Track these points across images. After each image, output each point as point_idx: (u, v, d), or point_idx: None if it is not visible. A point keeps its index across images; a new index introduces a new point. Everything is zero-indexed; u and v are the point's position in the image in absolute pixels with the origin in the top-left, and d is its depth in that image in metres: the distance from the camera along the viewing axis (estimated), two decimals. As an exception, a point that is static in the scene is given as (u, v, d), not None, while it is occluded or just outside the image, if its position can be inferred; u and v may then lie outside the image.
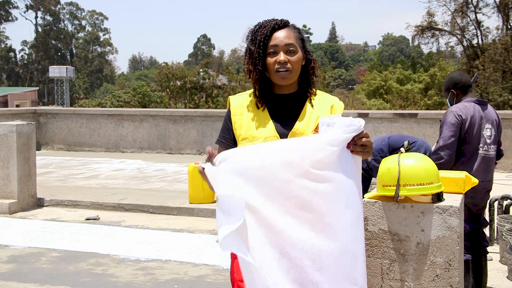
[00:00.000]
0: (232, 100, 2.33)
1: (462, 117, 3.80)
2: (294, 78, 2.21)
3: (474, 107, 3.88)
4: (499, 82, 24.20)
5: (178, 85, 26.08)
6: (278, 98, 2.26)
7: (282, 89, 2.25)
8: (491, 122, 3.92)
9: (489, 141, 3.89)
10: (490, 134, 3.90)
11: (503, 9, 26.98)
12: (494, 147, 3.93)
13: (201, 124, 12.90)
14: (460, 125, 3.79)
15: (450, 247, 2.22)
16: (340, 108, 2.26)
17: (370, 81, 37.54)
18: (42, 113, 14.42)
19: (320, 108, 2.24)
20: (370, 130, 11.14)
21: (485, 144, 3.86)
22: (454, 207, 2.24)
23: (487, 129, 3.89)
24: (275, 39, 2.18)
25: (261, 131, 2.18)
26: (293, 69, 2.18)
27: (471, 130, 3.81)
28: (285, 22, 2.24)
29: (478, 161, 3.82)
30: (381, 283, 2.32)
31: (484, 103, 3.97)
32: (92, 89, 72.44)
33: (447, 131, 3.79)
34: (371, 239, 2.34)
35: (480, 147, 3.84)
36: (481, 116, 3.88)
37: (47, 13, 77.44)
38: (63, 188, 8.65)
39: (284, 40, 2.18)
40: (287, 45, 2.17)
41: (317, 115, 2.21)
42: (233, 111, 2.27)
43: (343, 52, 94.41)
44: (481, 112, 3.89)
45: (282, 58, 2.15)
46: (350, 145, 1.99)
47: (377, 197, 2.38)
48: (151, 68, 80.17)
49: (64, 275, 4.86)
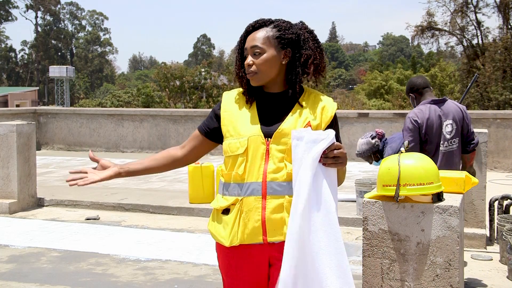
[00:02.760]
0: (224, 96, 2.33)
1: (418, 121, 4.02)
2: (263, 79, 2.18)
3: (429, 108, 4.08)
4: (500, 81, 24.21)
5: (177, 85, 26.09)
6: (268, 96, 2.24)
7: (269, 87, 2.24)
8: (451, 117, 4.09)
9: (449, 137, 4.08)
10: (451, 129, 4.08)
11: (503, 9, 26.97)
12: (456, 140, 4.10)
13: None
14: (418, 129, 4.02)
15: (450, 247, 2.22)
16: (332, 110, 2.21)
17: (371, 80, 37.51)
18: (42, 113, 14.42)
19: (311, 109, 2.19)
20: (370, 130, 11.10)
21: (445, 140, 4.06)
22: (454, 207, 2.23)
23: (447, 125, 4.07)
24: (247, 41, 2.20)
25: (247, 129, 2.17)
26: (259, 71, 2.16)
27: (430, 130, 4.03)
28: (261, 22, 2.22)
29: (440, 157, 4.04)
30: (381, 283, 2.32)
31: (440, 101, 4.15)
32: (92, 89, 72.44)
33: (406, 137, 4.02)
34: (371, 239, 2.34)
35: (440, 144, 4.05)
36: (439, 114, 4.06)
37: (47, 13, 77.44)
38: (63, 188, 8.65)
39: (250, 42, 2.18)
40: (252, 47, 2.17)
41: (306, 116, 2.17)
42: (224, 107, 2.27)
43: (343, 52, 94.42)
44: (437, 111, 4.08)
45: (247, 61, 2.18)
46: (321, 159, 2.01)
47: (377, 197, 2.38)
48: (151, 68, 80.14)
49: (64, 275, 4.86)
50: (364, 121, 11.36)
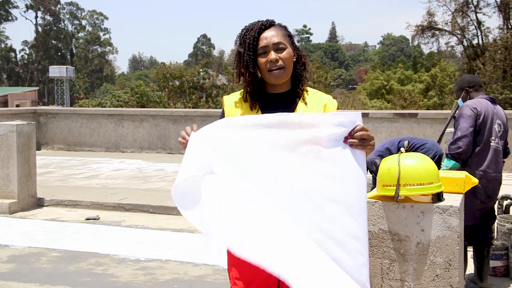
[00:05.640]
0: (226, 100, 2.34)
1: (477, 109, 4.09)
2: (287, 75, 2.22)
3: (487, 102, 4.19)
4: (500, 81, 24.21)
5: (176, 85, 26.08)
6: (271, 97, 2.26)
7: (275, 88, 2.26)
8: (501, 119, 4.22)
9: (499, 135, 4.19)
10: (500, 130, 4.20)
11: (504, 9, 26.94)
12: (502, 142, 4.22)
13: (201, 124, 12.66)
14: (475, 117, 4.07)
15: (450, 247, 2.22)
16: (334, 107, 2.27)
17: (373, 80, 37.45)
18: (42, 113, 14.42)
19: (314, 107, 2.24)
20: (370, 130, 11.12)
21: (496, 137, 4.15)
22: (454, 207, 2.23)
23: (498, 124, 4.19)
24: (264, 39, 2.20)
25: None
26: (286, 66, 2.19)
27: (485, 122, 4.10)
28: (270, 22, 2.26)
29: (491, 152, 4.11)
30: (381, 283, 2.32)
31: (494, 101, 4.28)
32: (92, 89, 72.43)
33: (464, 122, 4.05)
34: (371, 239, 2.33)
35: (491, 140, 4.13)
36: (493, 111, 4.18)
37: (47, 13, 77.41)
38: (63, 188, 8.65)
39: (272, 39, 2.19)
40: (276, 43, 2.19)
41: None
42: (227, 111, 2.29)
43: (343, 52, 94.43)
44: (492, 108, 4.19)
45: (273, 57, 2.17)
46: (347, 140, 2.01)
47: (377, 197, 2.38)
48: (151, 68, 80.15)
49: (64, 275, 4.86)
50: (364, 121, 11.24)
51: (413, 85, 34.93)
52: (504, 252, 4.65)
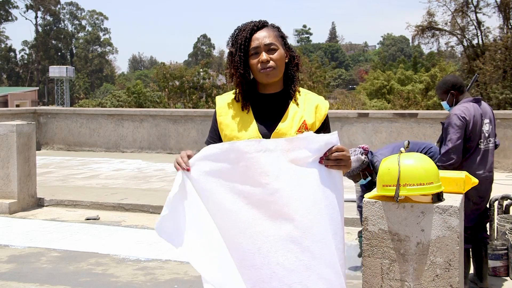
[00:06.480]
0: (218, 100, 2.35)
1: (466, 118, 4.09)
2: (278, 75, 2.22)
3: (473, 106, 4.18)
4: (500, 81, 24.21)
5: (176, 85, 26.08)
6: (262, 98, 2.26)
7: (267, 88, 2.26)
8: (488, 117, 4.24)
9: (487, 135, 4.21)
10: (488, 129, 4.22)
11: (504, 9, 26.95)
12: (492, 140, 4.25)
13: (201, 124, 12.89)
14: (465, 126, 4.09)
15: (450, 247, 2.22)
16: (325, 108, 2.26)
17: (373, 80, 37.44)
18: (42, 113, 14.42)
19: (305, 108, 2.24)
20: (370, 130, 11.14)
21: (484, 139, 4.19)
22: (454, 207, 2.23)
23: (486, 124, 4.21)
24: (255, 40, 2.20)
25: (244, 131, 2.20)
26: (277, 66, 2.19)
27: (474, 128, 4.12)
28: (263, 22, 2.26)
29: (479, 154, 4.15)
30: (381, 283, 2.32)
31: (479, 100, 4.28)
32: (92, 89, 72.41)
33: (454, 134, 4.06)
34: (371, 239, 2.34)
35: (480, 142, 4.16)
36: (480, 113, 4.19)
37: (47, 13, 77.41)
38: (63, 188, 8.65)
39: (264, 39, 2.20)
40: (267, 44, 2.19)
41: (301, 115, 2.21)
42: (219, 111, 2.30)
43: (343, 52, 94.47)
44: (479, 109, 4.20)
45: (265, 57, 2.18)
46: (322, 160, 2.02)
47: (377, 197, 2.38)
48: (151, 68, 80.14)
49: (64, 275, 4.86)
50: (364, 121, 11.34)
51: (413, 85, 34.93)
52: (504, 252, 4.65)
